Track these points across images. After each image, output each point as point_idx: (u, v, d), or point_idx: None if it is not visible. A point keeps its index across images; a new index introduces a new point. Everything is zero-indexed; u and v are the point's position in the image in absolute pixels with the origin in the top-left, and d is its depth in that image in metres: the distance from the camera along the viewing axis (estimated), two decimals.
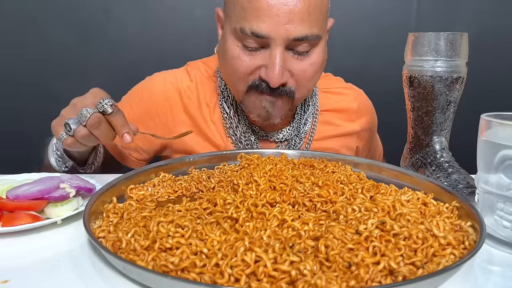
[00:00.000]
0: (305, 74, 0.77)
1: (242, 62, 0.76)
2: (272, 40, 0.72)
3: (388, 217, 0.52)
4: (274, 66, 0.73)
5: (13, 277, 0.45)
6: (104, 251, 0.44)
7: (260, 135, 0.91)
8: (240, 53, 0.76)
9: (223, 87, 0.90)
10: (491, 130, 0.53)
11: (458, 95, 0.74)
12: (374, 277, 0.41)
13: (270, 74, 0.74)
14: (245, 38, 0.74)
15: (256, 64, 0.76)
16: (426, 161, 0.76)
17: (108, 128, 0.66)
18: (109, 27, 1.67)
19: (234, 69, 0.77)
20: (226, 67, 0.80)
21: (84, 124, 0.65)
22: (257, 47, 0.74)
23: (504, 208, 0.53)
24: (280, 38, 0.72)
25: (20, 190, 0.59)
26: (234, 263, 0.42)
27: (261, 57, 0.75)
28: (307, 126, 0.93)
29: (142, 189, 0.66)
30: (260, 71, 0.76)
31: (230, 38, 0.77)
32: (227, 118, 0.90)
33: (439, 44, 0.71)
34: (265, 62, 0.75)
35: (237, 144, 0.90)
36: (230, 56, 0.77)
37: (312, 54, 0.77)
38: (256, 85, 0.77)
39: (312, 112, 0.94)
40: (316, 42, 0.76)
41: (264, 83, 0.76)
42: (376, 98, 1.08)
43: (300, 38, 0.72)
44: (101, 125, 0.65)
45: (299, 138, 0.92)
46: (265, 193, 0.58)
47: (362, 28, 1.67)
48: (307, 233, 0.48)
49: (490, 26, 1.61)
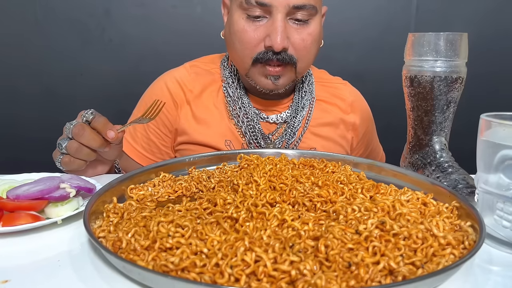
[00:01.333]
0: (304, 43, 0.85)
1: (247, 33, 0.84)
2: (274, 7, 0.81)
3: (388, 217, 0.52)
4: (276, 31, 0.81)
5: (13, 277, 0.45)
6: (104, 251, 0.44)
7: (261, 117, 0.95)
8: (245, 24, 0.84)
9: (227, 74, 0.96)
10: (491, 130, 0.53)
11: (458, 95, 0.74)
12: (374, 277, 0.42)
13: (273, 39, 0.82)
14: (249, 8, 0.82)
15: (260, 36, 0.84)
16: (426, 161, 0.76)
17: (93, 133, 0.71)
18: (109, 27, 1.67)
19: (240, 41, 0.85)
20: (233, 41, 0.87)
21: (71, 136, 0.71)
22: (260, 15, 0.83)
23: (504, 208, 0.53)
24: (281, 5, 0.81)
25: (20, 190, 0.59)
26: (234, 263, 0.42)
27: (265, 27, 0.83)
28: (304, 111, 0.98)
29: (142, 189, 0.66)
30: (264, 42, 0.84)
31: (236, 12, 0.85)
32: (231, 101, 0.95)
33: (438, 44, 0.71)
34: (268, 31, 0.83)
35: (239, 124, 0.94)
36: (236, 29, 0.85)
37: (310, 24, 0.86)
38: (261, 57, 0.85)
39: (309, 99, 0.99)
40: (313, 13, 0.85)
41: (269, 53, 0.84)
42: (376, 98, 1.08)
43: (299, 6, 0.82)
44: (85, 131, 0.70)
45: (298, 120, 0.96)
46: (265, 193, 0.58)
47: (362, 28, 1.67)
48: (307, 233, 0.48)
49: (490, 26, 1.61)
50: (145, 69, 1.66)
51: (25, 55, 1.68)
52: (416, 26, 1.64)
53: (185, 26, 1.67)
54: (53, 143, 0.74)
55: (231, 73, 0.96)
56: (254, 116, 0.94)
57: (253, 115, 0.94)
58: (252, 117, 0.94)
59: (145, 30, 1.67)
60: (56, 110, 1.70)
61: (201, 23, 1.65)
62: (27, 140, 1.74)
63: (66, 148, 0.72)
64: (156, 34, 1.68)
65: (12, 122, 1.74)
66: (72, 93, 1.73)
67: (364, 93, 1.08)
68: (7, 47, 1.66)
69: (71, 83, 1.73)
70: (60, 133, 0.74)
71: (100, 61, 1.70)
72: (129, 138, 0.98)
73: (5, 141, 1.74)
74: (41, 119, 1.74)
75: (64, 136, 0.73)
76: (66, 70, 1.72)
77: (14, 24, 1.64)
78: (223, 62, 0.99)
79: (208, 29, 1.54)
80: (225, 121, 0.95)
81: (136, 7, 1.65)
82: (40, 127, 1.69)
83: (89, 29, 1.67)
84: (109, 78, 1.72)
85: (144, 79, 1.04)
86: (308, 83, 1.00)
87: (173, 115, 0.96)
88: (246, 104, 0.94)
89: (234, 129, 0.95)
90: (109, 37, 1.68)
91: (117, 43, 1.69)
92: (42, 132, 1.46)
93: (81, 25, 1.66)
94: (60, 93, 1.74)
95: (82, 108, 0.75)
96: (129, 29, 1.67)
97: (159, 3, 1.66)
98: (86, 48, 1.69)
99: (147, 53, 1.69)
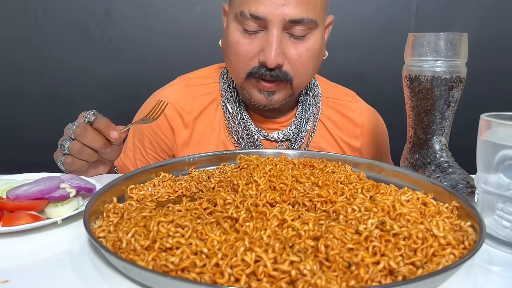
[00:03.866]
0: (301, 58, 0.81)
1: (242, 46, 0.80)
2: (270, 21, 0.76)
3: (388, 217, 0.52)
4: (271, 46, 0.77)
5: (13, 277, 0.45)
6: (104, 251, 0.44)
7: (262, 134, 0.92)
8: (240, 37, 0.80)
9: (226, 89, 0.93)
10: (491, 130, 0.53)
11: (458, 95, 0.74)
12: (374, 277, 0.42)
13: (267, 54, 0.77)
14: (245, 21, 0.78)
15: (255, 49, 0.80)
16: (426, 161, 0.76)
17: (96, 134, 0.71)
18: (109, 28, 1.67)
19: (235, 53, 0.82)
20: (229, 52, 0.84)
21: (73, 137, 0.71)
22: (256, 30, 0.79)
23: (504, 208, 0.53)
24: (277, 19, 0.76)
25: (20, 190, 0.59)
26: (234, 263, 0.42)
27: (260, 40, 0.79)
28: (308, 125, 0.94)
29: (142, 189, 0.66)
30: (259, 56, 0.80)
31: (232, 24, 0.82)
32: (230, 117, 0.92)
33: (438, 44, 0.71)
34: (263, 46, 0.79)
35: (239, 142, 0.91)
36: (231, 40, 0.82)
37: (308, 39, 0.80)
38: (255, 72, 0.81)
39: (314, 113, 0.95)
40: (312, 27, 0.79)
41: (262, 68, 0.80)
42: (376, 98, 1.08)
43: (296, 21, 0.77)
44: (88, 132, 0.70)
45: (300, 138, 0.93)
46: (265, 193, 0.58)
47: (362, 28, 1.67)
48: (307, 233, 0.48)
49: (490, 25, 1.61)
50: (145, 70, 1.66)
51: (25, 55, 1.68)
52: (416, 26, 1.64)
53: (185, 27, 1.67)
54: (53, 143, 0.74)
55: (229, 86, 0.93)
56: (255, 133, 0.91)
57: (254, 132, 0.91)
58: (252, 133, 0.90)
59: (145, 31, 1.67)
60: (56, 110, 1.70)
61: (201, 23, 1.65)
62: (27, 140, 1.74)
63: (68, 149, 0.71)
64: (156, 35, 1.68)
65: (12, 122, 1.74)
66: (72, 93, 1.73)
67: (364, 93, 1.07)
68: (7, 47, 1.66)
69: (71, 84, 1.73)
70: (60, 133, 0.74)
71: (100, 61, 1.70)
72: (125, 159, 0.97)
73: (5, 141, 1.74)
74: (41, 119, 1.74)
75: (66, 136, 0.73)
76: (66, 71, 1.72)
77: (14, 24, 1.64)
78: (223, 75, 0.95)
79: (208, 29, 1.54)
80: (224, 139, 0.92)
81: (136, 7, 1.65)
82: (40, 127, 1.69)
83: (89, 30, 1.67)
84: (109, 79, 1.72)
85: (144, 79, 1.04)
86: (313, 95, 0.95)
87: (171, 140, 0.94)
88: (245, 119, 0.90)
89: (233, 148, 0.92)
90: (109, 38, 1.68)
91: (117, 44, 1.69)
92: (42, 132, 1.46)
93: (81, 25, 1.66)
94: (60, 93, 1.74)
95: (83, 108, 0.75)
96: (129, 29, 1.67)
97: (159, 3, 1.66)
98: (86, 48, 1.69)
99: (147, 53, 1.69)
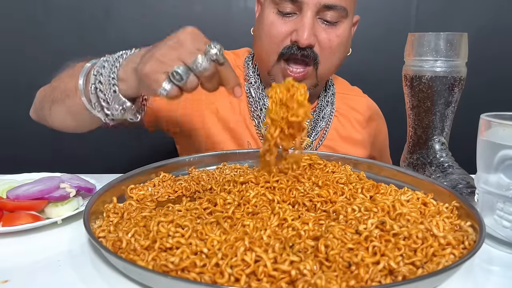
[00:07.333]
0: (330, 43, 0.85)
1: (276, 27, 0.84)
2: (305, 4, 0.81)
3: (388, 217, 0.52)
4: (304, 27, 0.82)
5: (13, 277, 0.45)
6: (105, 251, 0.44)
7: None
8: (275, 18, 0.85)
9: (250, 74, 0.95)
10: (491, 130, 0.53)
11: (457, 95, 0.74)
12: (374, 276, 0.42)
13: (300, 34, 0.82)
14: (281, 3, 0.83)
15: (288, 30, 0.84)
16: (426, 161, 0.76)
17: (218, 80, 0.59)
18: (109, 27, 1.67)
19: (268, 34, 0.85)
20: (261, 35, 0.87)
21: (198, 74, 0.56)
22: (290, 12, 0.83)
23: (504, 208, 0.53)
24: (312, 3, 0.81)
25: (20, 190, 0.59)
26: (234, 263, 0.42)
27: (293, 22, 0.83)
28: (324, 123, 0.97)
29: (142, 189, 0.66)
30: (291, 36, 0.84)
31: (268, 7, 0.86)
32: (252, 102, 0.93)
33: (438, 44, 0.71)
34: (296, 27, 0.83)
35: (259, 127, 0.93)
36: (266, 23, 0.86)
37: (339, 27, 0.85)
38: (286, 51, 0.84)
39: (329, 111, 0.98)
40: (343, 15, 0.84)
41: (294, 47, 0.84)
42: (376, 98, 1.08)
43: (330, 6, 0.82)
44: (215, 77, 0.57)
45: (315, 131, 0.96)
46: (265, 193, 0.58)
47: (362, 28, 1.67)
48: (307, 233, 0.48)
49: (490, 26, 1.61)
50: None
51: (25, 55, 1.68)
52: (416, 26, 1.64)
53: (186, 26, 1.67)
54: (53, 143, 0.74)
55: (254, 72, 0.95)
56: None
57: None
58: None
59: (146, 31, 1.67)
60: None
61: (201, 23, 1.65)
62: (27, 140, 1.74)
63: (186, 82, 0.56)
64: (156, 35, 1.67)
65: (12, 123, 1.74)
66: None
67: (364, 93, 1.08)
68: (7, 47, 1.66)
69: None
70: (60, 133, 0.73)
71: None
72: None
73: (6, 141, 1.74)
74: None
75: (176, 62, 0.56)
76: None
77: (14, 24, 1.64)
78: (248, 60, 0.98)
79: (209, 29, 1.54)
80: (246, 121, 0.93)
81: (136, 8, 1.65)
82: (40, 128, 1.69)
83: (89, 30, 1.67)
84: None
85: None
86: (331, 93, 1.00)
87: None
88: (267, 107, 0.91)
89: (254, 131, 0.93)
90: (110, 38, 1.68)
91: (118, 44, 1.69)
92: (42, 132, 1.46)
93: (82, 26, 1.66)
94: None
95: None
96: (130, 29, 1.67)
97: (159, 4, 1.66)
98: (86, 49, 1.69)
99: None
